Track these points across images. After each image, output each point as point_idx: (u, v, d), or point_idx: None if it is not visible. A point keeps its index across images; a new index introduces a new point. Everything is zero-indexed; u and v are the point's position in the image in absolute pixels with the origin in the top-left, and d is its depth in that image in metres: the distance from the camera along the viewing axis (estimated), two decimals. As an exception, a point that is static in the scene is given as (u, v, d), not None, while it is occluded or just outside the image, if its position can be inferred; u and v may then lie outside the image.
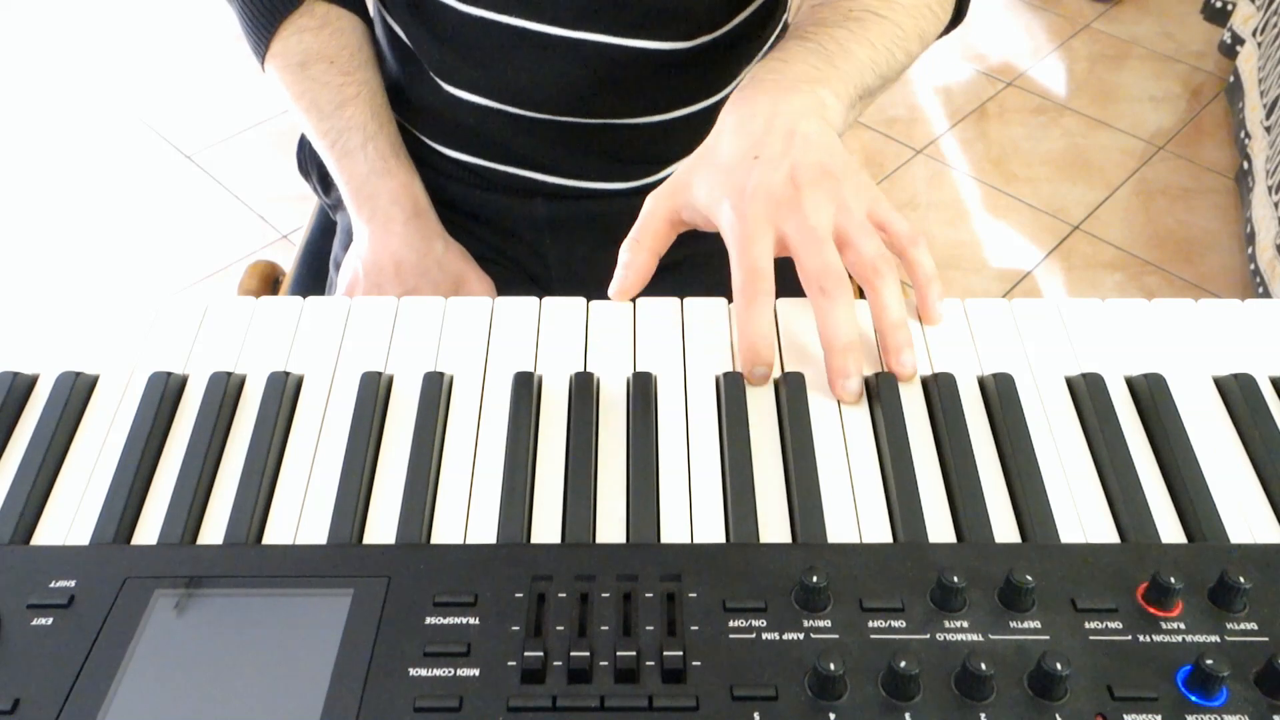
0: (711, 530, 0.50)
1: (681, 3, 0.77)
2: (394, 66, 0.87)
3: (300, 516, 0.51)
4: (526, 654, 0.43)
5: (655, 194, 0.63)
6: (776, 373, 0.57)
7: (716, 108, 0.84)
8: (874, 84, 0.69)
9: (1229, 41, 2.28)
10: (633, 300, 0.62)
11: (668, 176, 0.86)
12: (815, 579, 0.44)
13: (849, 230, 0.57)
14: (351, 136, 0.81)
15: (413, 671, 0.43)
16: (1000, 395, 0.55)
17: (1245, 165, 2.01)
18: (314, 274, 0.99)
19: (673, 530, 0.50)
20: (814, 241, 0.56)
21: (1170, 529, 0.50)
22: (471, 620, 0.44)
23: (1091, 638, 0.44)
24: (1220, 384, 0.57)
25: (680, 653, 0.43)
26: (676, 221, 0.62)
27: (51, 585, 0.46)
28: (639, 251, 0.61)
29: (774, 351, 0.56)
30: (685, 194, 0.61)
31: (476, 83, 0.81)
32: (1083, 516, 0.51)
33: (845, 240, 0.57)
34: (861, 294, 0.59)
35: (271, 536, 0.50)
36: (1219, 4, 2.37)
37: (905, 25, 0.71)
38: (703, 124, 0.85)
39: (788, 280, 0.58)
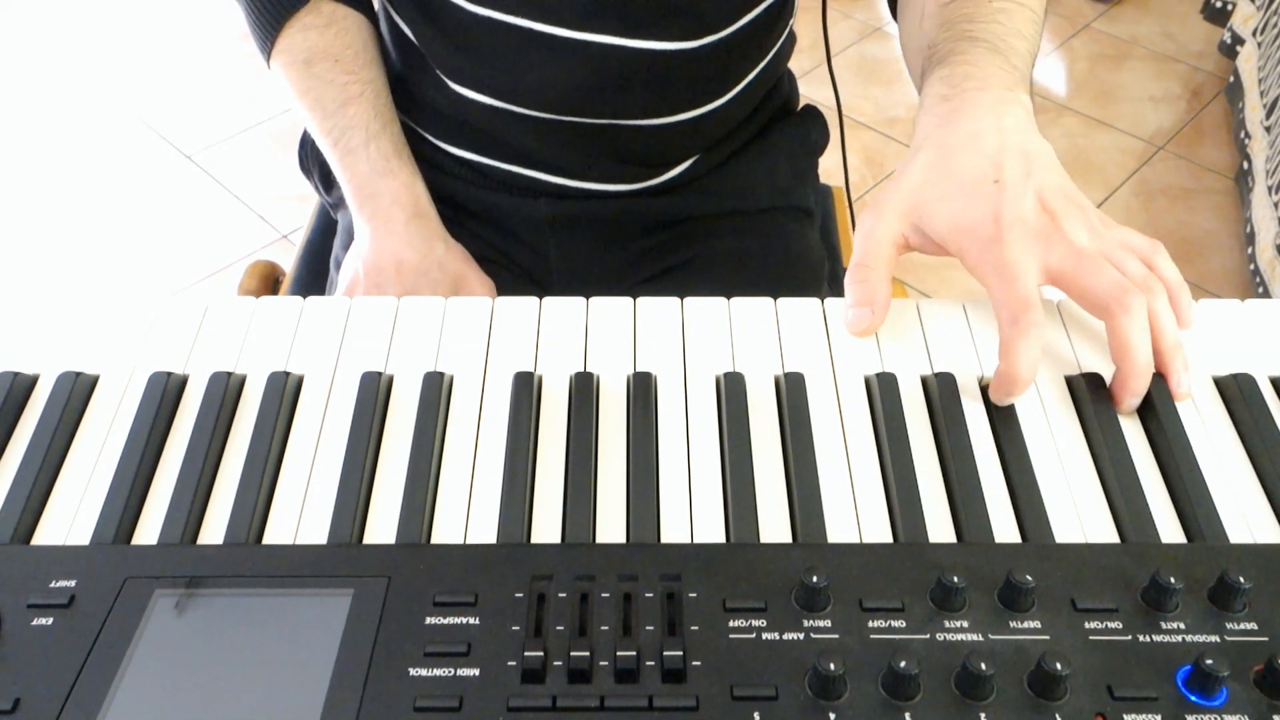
0: (711, 530, 0.50)
1: (688, 3, 0.76)
2: (399, 64, 0.87)
3: (300, 516, 0.51)
4: (526, 654, 0.43)
5: (876, 218, 0.59)
6: (779, 371, 0.57)
7: (723, 111, 0.85)
8: (1030, 78, 0.68)
9: (1229, 41, 2.28)
10: (633, 300, 0.62)
11: (671, 179, 0.87)
12: (815, 579, 0.44)
13: (1108, 252, 0.56)
14: (354, 135, 0.81)
15: (413, 671, 0.43)
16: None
17: (1245, 165, 2.01)
18: (314, 274, 0.99)
19: (673, 530, 0.50)
20: (1091, 262, 0.55)
21: (1170, 529, 0.50)
22: (471, 620, 0.44)
23: (1091, 638, 0.44)
24: (1220, 384, 0.57)
25: (680, 653, 0.43)
26: (903, 246, 0.60)
27: (51, 585, 0.46)
28: (877, 283, 0.58)
29: (1027, 389, 0.55)
30: (917, 220, 0.59)
31: (483, 82, 0.81)
32: (1082, 516, 0.51)
33: (1109, 262, 0.56)
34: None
35: (272, 536, 0.50)
36: (1219, 4, 2.37)
37: (1037, 9, 0.70)
38: (709, 127, 0.85)
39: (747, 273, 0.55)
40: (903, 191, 0.60)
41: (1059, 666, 0.41)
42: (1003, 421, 0.55)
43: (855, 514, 0.51)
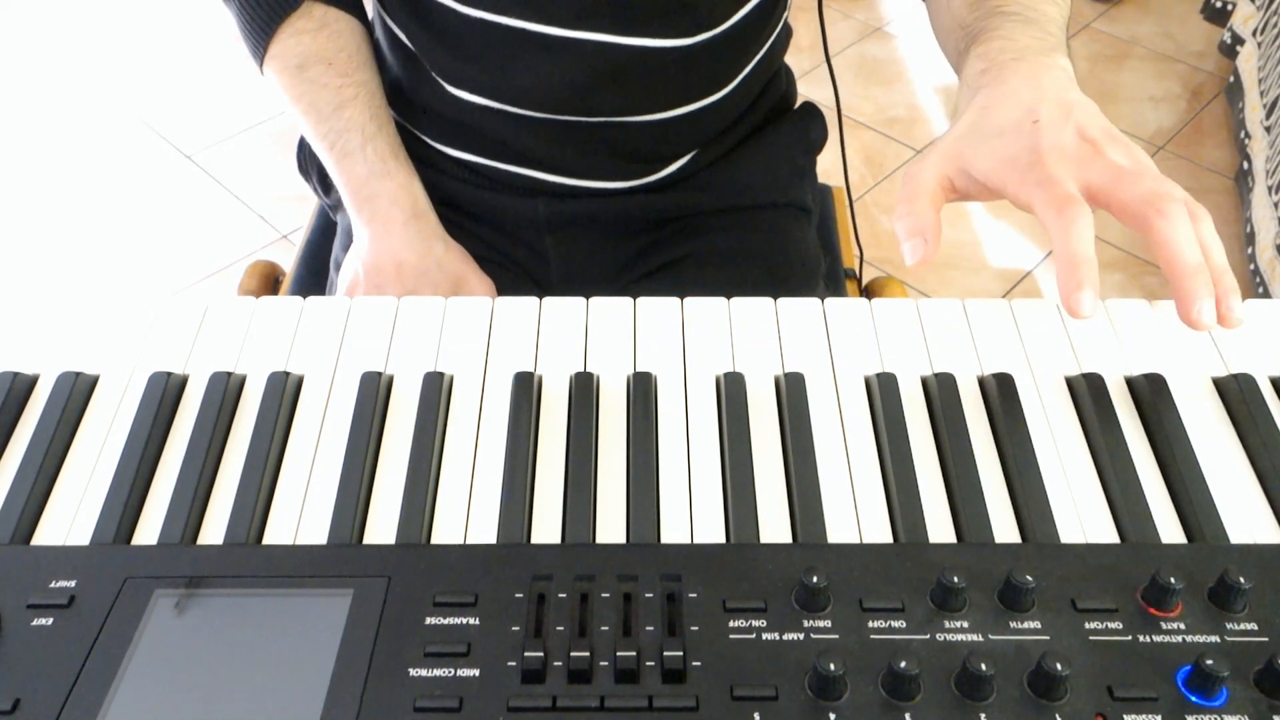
0: (711, 530, 0.50)
1: (682, 0, 0.76)
2: (394, 67, 0.87)
3: (300, 516, 0.51)
4: (526, 654, 0.43)
5: (920, 163, 0.59)
6: (779, 371, 0.57)
7: (719, 105, 0.85)
8: (1066, 43, 0.67)
9: (1229, 41, 2.28)
10: (633, 300, 0.62)
11: (669, 175, 0.87)
12: (815, 579, 0.44)
13: (1153, 175, 0.55)
14: (350, 138, 0.81)
15: (413, 671, 0.43)
16: (1000, 395, 0.56)
17: (1245, 165, 2.01)
18: (314, 274, 0.99)
19: (673, 530, 0.50)
20: (1129, 174, 0.54)
21: (1170, 529, 0.50)
22: (471, 620, 0.45)
23: (1091, 638, 0.44)
24: (1220, 384, 0.57)
25: (680, 653, 0.43)
26: (948, 188, 0.59)
27: (51, 585, 0.46)
28: (925, 213, 0.57)
29: (1097, 278, 0.51)
30: (960, 162, 0.59)
31: (477, 83, 0.81)
32: (1083, 516, 0.51)
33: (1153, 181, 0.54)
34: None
35: (272, 536, 0.50)
36: (1219, 4, 2.37)
37: None
38: (705, 122, 0.85)
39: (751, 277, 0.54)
40: (945, 141, 0.60)
41: (1059, 666, 0.41)
42: (1003, 421, 0.55)
43: (855, 514, 0.51)
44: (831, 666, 0.41)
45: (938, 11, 0.75)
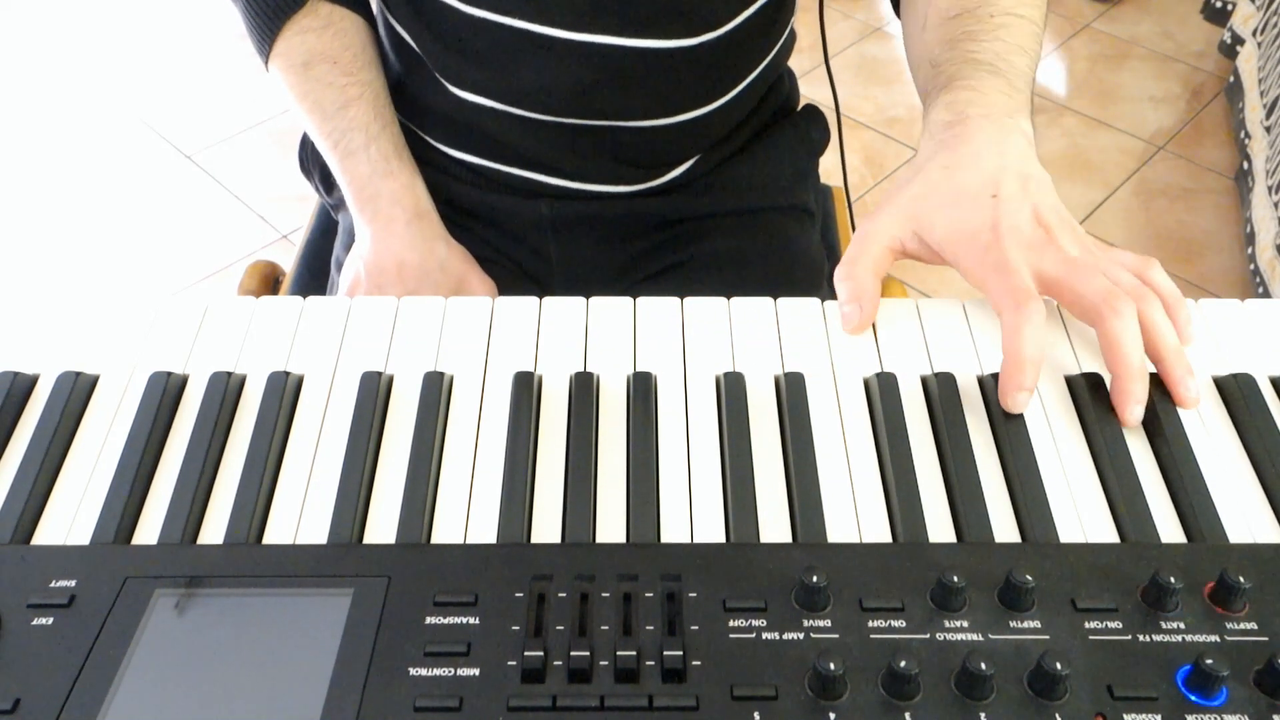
0: (711, 530, 0.50)
1: (685, 1, 0.76)
2: (398, 67, 0.87)
3: (300, 516, 0.51)
4: (526, 654, 0.43)
5: (875, 221, 0.62)
6: (779, 371, 0.57)
7: (723, 111, 0.85)
8: (1031, 95, 0.69)
9: (1229, 41, 2.28)
10: (633, 300, 0.62)
11: (672, 179, 0.87)
12: (815, 579, 0.44)
13: (1101, 264, 0.57)
14: (354, 137, 0.81)
15: (413, 671, 0.43)
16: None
17: (1245, 165, 2.01)
18: (314, 274, 0.99)
19: (673, 530, 0.50)
20: (1082, 269, 0.56)
21: (1170, 529, 0.50)
22: (471, 620, 0.45)
23: (1091, 638, 0.44)
24: (1220, 384, 0.57)
25: (680, 653, 0.43)
26: (898, 250, 0.62)
27: (51, 585, 0.46)
28: (864, 279, 0.60)
29: (1038, 376, 0.55)
30: (915, 226, 0.60)
31: (481, 84, 0.81)
32: (1082, 516, 0.51)
33: (1101, 272, 0.57)
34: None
35: (272, 536, 0.50)
36: (1219, 4, 2.37)
37: (1037, 19, 0.71)
38: (709, 127, 0.85)
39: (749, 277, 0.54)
40: (902, 199, 0.62)
41: (1059, 666, 0.41)
42: (1003, 421, 0.55)
43: (855, 514, 0.51)
44: (831, 666, 0.41)
45: (911, 39, 0.76)
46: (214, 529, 0.50)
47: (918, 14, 0.74)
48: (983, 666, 0.41)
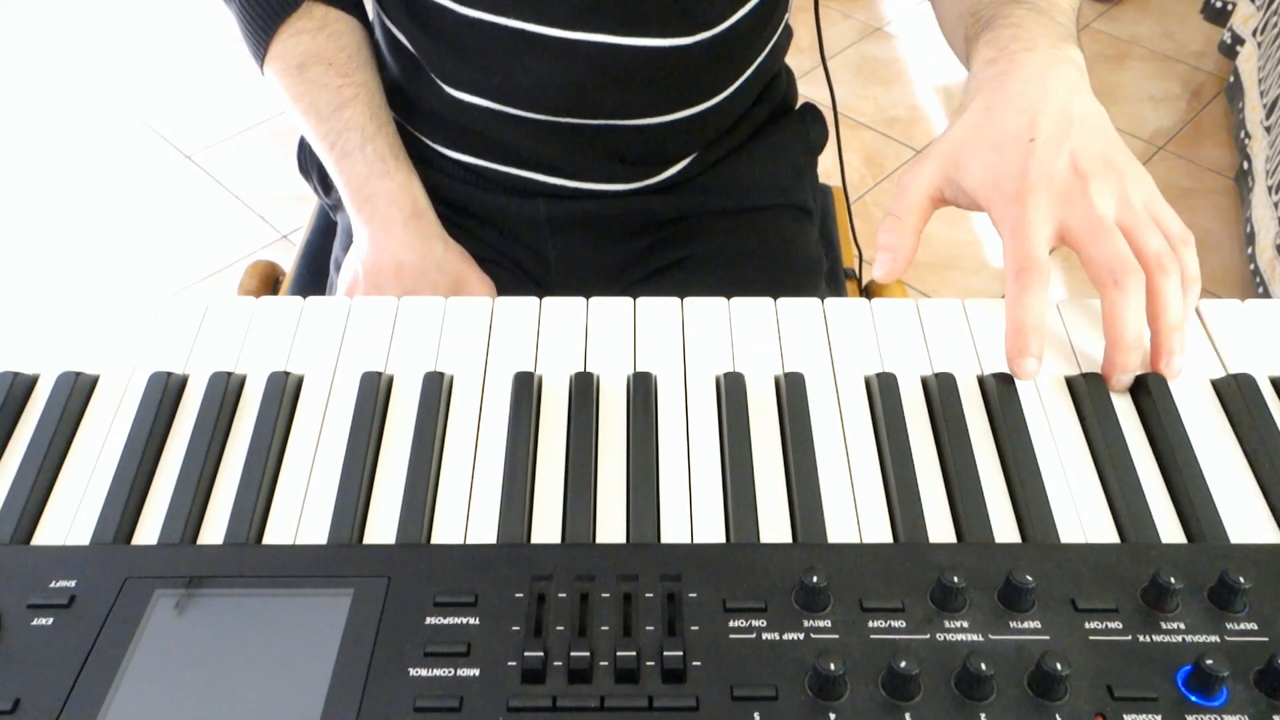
0: (711, 530, 0.50)
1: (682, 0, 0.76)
2: (394, 68, 0.87)
3: (300, 516, 0.51)
4: (526, 654, 0.43)
5: (914, 170, 0.60)
6: (779, 371, 0.57)
7: (720, 109, 0.85)
8: (1076, 32, 0.67)
9: (1229, 41, 2.28)
10: (633, 300, 0.62)
11: (670, 177, 0.87)
12: (815, 579, 0.44)
13: (1132, 224, 0.56)
14: (350, 138, 0.81)
15: (413, 671, 0.43)
16: (1000, 395, 0.55)
17: (1245, 165, 2.01)
18: (314, 274, 0.99)
19: (673, 530, 0.50)
20: (1103, 231, 0.55)
21: (1170, 529, 0.50)
22: (471, 620, 0.44)
23: (1091, 638, 0.44)
24: (1219, 384, 0.57)
25: (680, 653, 0.43)
26: (938, 199, 0.60)
27: (51, 585, 0.46)
28: (904, 232, 0.59)
29: (1044, 344, 0.54)
30: (953, 172, 0.59)
31: (477, 84, 0.81)
32: (1083, 516, 0.51)
33: (1128, 233, 0.55)
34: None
35: (272, 536, 0.50)
36: (1219, 4, 2.37)
37: None
38: (706, 124, 0.85)
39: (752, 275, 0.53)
40: (943, 144, 0.61)
41: (1059, 666, 0.41)
42: (1003, 421, 0.55)
43: (855, 514, 0.51)
44: (831, 666, 0.41)
45: (944, 5, 0.75)
46: (214, 529, 0.50)
47: None
48: (983, 667, 0.41)
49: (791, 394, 0.55)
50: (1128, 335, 0.54)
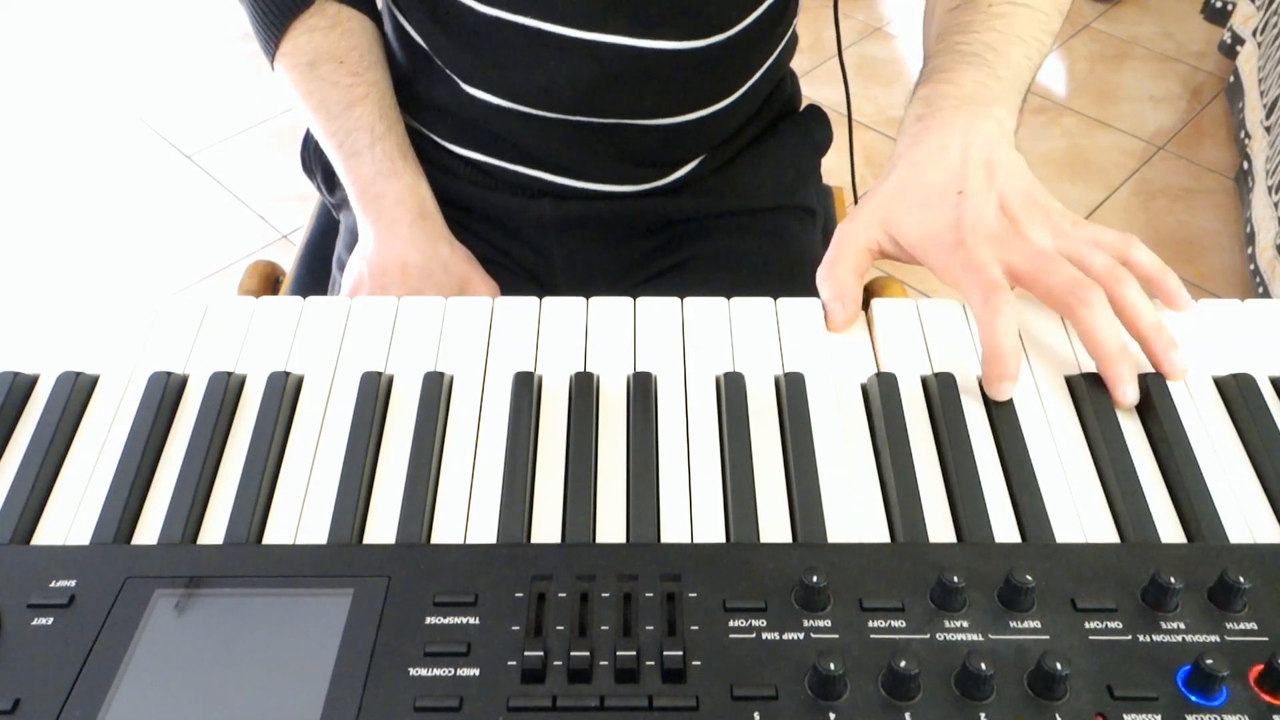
0: (711, 530, 0.50)
1: (696, 2, 0.77)
2: (405, 65, 0.87)
3: (300, 516, 0.51)
4: (526, 654, 0.43)
5: (852, 225, 0.62)
6: (779, 371, 0.57)
7: (729, 111, 0.85)
8: (1030, 78, 0.69)
9: (1229, 41, 2.28)
10: (633, 300, 0.62)
11: (676, 179, 0.87)
12: (815, 579, 0.44)
13: (1071, 250, 0.57)
14: (359, 137, 0.81)
15: (413, 671, 0.43)
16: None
17: (1245, 165, 2.01)
18: (314, 274, 0.99)
19: (673, 530, 0.50)
20: (1049, 260, 0.56)
21: (1170, 529, 0.50)
22: (471, 620, 0.44)
23: (1091, 638, 0.44)
24: (1220, 384, 0.57)
25: (680, 653, 0.43)
26: (875, 252, 0.62)
27: (51, 585, 0.46)
28: (846, 277, 0.61)
29: (1019, 364, 0.55)
30: (887, 228, 0.61)
31: (491, 82, 0.81)
32: (1082, 516, 0.51)
33: (1072, 260, 0.57)
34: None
35: (272, 536, 0.50)
36: (1219, 4, 2.37)
37: (1044, 6, 0.70)
38: (715, 126, 0.86)
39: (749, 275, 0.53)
40: (875, 201, 0.62)
41: (1059, 666, 0.41)
42: (1003, 421, 0.55)
43: (855, 514, 0.51)
44: (831, 666, 0.41)
45: (924, 30, 0.77)
46: (214, 529, 0.50)
47: (929, 8, 0.75)
48: (983, 666, 0.41)
49: (791, 394, 0.55)
50: (1111, 347, 0.55)
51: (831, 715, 0.41)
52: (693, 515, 0.51)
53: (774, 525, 0.50)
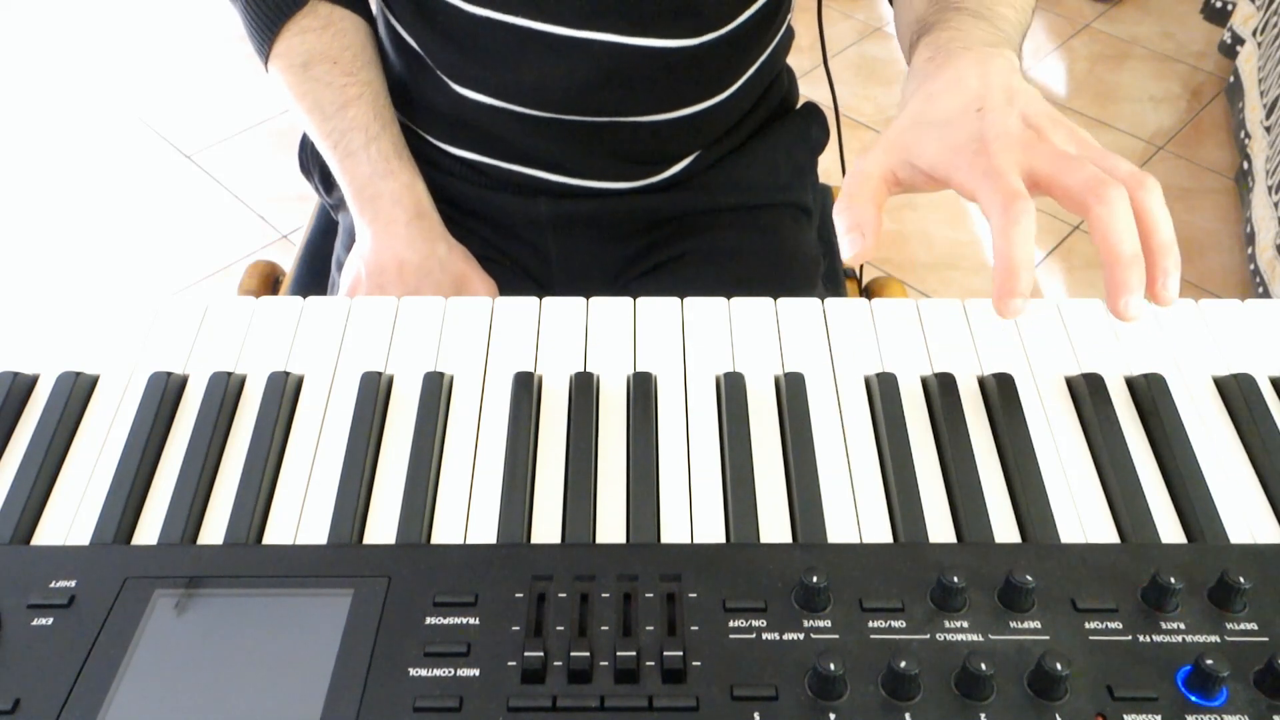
0: (711, 530, 0.50)
1: (688, 1, 0.76)
2: (398, 66, 0.87)
3: (300, 516, 0.51)
4: (526, 654, 0.43)
5: (866, 159, 0.59)
6: (779, 371, 0.57)
7: (722, 107, 0.85)
8: (1020, 44, 0.67)
9: (1229, 41, 2.28)
10: (633, 300, 0.62)
11: (671, 176, 0.87)
12: (815, 579, 0.44)
13: (1096, 157, 0.54)
14: (354, 137, 0.81)
15: (413, 671, 0.43)
16: (1000, 395, 0.56)
17: (1245, 165, 2.01)
18: (314, 274, 0.99)
19: (673, 530, 0.50)
20: (1073, 161, 0.53)
21: (1170, 529, 0.50)
22: (471, 620, 0.45)
23: (1091, 638, 0.44)
24: (1220, 384, 0.57)
25: (680, 653, 0.43)
26: (892, 182, 0.59)
27: (51, 585, 0.46)
28: (865, 207, 0.57)
29: (1031, 280, 0.51)
30: (905, 154, 0.58)
31: (483, 82, 0.81)
32: (1083, 516, 0.51)
33: (1096, 164, 0.54)
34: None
35: (272, 536, 0.50)
36: (1219, 4, 2.37)
37: None
38: (709, 123, 0.86)
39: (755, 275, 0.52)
40: (890, 133, 0.60)
41: (1059, 666, 0.41)
42: (1003, 421, 0.55)
43: (855, 514, 0.51)
44: (831, 666, 0.41)
45: (901, 9, 0.76)
46: (214, 529, 0.50)
47: None
48: (983, 667, 0.41)
49: (791, 394, 0.55)
50: (1125, 248, 0.51)
51: (831, 715, 0.41)
52: (693, 515, 0.51)
53: (774, 525, 0.50)
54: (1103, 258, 0.52)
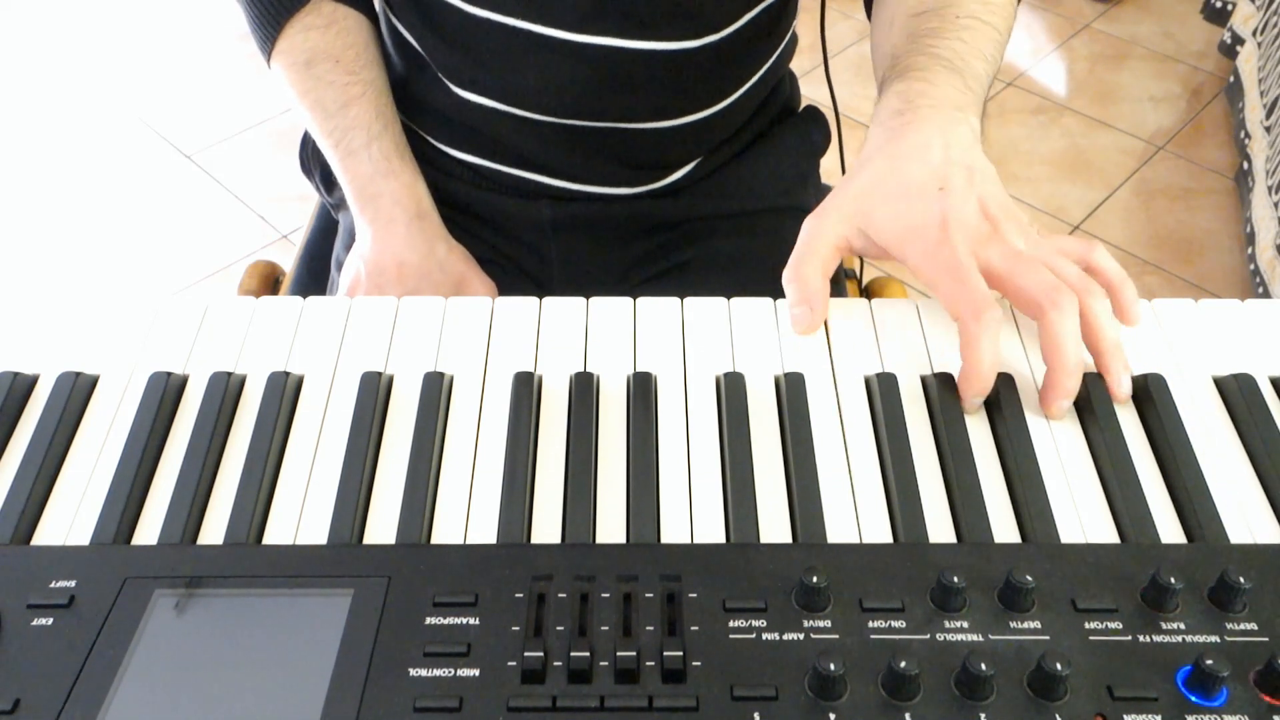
0: (711, 530, 0.50)
1: (688, 3, 0.76)
2: (400, 66, 0.87)
3: (300, 516, 0.51)
4: (526, 654, 0.43)
5: (818, 220, 0.61)
6: (779, 371, 0.57)
7: (724, 114, 0.85)
8: (985, 97, 0.69)
9: (1229, 41, 2.28)
10: (633, 300, 0.62)
11: (674, 182, 0.87)
12: (815, 579, 0.44)
13: (1045, 257, 0.57)
14: (355, 136, 0.81)
15: (413, 671, 0.43)
16: (1001, 395, 0.55)
17: (1245, 165, 2.01)
18: (314, 274, 0.99)
19: (673, 530, 0.50)
20: (1026, 262, 0.56)
21: (1170, 529, 0.50)
22: (471, 620, 0.45)
23: (1091, 638, 0.44)
24: (1220, 384, 0.57)
25: (680, 653, 0.43)
26: (844, 248, 0.62)
27: (51, 585, 0.46)
28: (813, 278, 0.60)
29: (994, 379, 0.55)
30: (860, 223, 0.60)
31: (483, 85, 0.81)
32: (1083, 516, 0.51)
33: (1046, 266, 0.57)
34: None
35: (272, 536, 0.50)
36: (1219, 4, 2.37)
37: (1001, 27, 0.71)
38: (712, 130, 0.85)
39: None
40: (848, 196, 0.62)
41: (1059, 666, 0.41)
42: (1003, 421, 0.55)
43: (855, 514, 0.51)
44: (831, 666, 0.41)
45: (879, 39, 0.76)
46: (214, 529, 0.50)
47: (886, 12, 0.75)
48: (983, 667, 0.41)
49: (791, 394, 0.55)
50: (1070, 357, 0.55)
51: (831, 715, 0.41)
52: (693, 515, 0.51)
53: (774, 525, 0.50)
54: (1047, 361, 0.56)
